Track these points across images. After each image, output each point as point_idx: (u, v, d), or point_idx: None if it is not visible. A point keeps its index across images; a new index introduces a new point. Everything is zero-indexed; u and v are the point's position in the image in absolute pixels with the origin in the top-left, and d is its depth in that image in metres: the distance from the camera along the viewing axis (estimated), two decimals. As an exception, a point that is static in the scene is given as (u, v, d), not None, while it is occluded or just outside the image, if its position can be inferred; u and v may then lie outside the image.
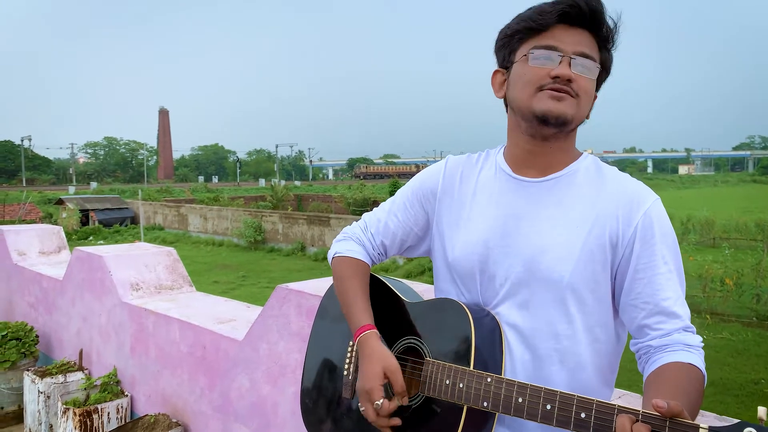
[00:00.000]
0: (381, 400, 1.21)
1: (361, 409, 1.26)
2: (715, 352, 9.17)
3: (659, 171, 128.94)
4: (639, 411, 0.93)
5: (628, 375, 1.83)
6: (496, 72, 1.32)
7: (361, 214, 1.57)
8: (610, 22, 1.21)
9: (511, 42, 1.26)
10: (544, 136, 1.23)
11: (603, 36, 1.22)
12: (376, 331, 1.31)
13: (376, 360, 1.25)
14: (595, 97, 1.28)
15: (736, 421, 0.90)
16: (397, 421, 1.24)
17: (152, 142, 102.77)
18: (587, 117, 1.26)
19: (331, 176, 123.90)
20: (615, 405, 0.96)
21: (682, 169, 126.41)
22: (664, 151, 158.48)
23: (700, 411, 1.53)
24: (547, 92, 1.18)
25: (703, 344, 1.18)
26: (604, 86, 1.31)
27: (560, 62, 1.17)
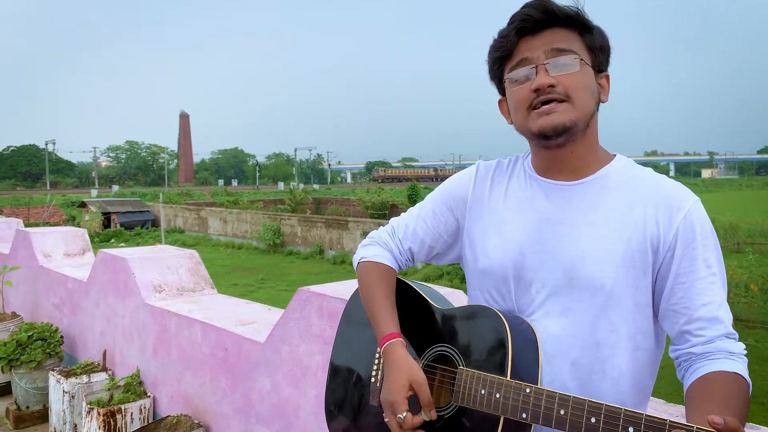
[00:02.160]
0: (404, 414, 1.18)
1: (385, 420, 1.24)
2: (739, 358, 9.00)
3: (681, 175, 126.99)
4: (693, 427, 0.88)
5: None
6: (500, 101, 1.32)
7: (379, 218, 1.56)
8: (572, 8, 1.17)
9: (496, 72, 1.28)
10: (557, 145, 1.21)
11: (576, 24, 1.19)
12: (402, 339, 1.28)
13: (402, 371, 1.22)
14: (607, 76, 1.24)
15: (765, 429, 0.89)
16: None
17: (173, 146, 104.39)
18: (603, 101, 1.23)
19: (349, 180, 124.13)
20: (667, 420, 0.91)
21: (705, 173, 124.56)
22: (686, 154, 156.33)
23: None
24: (535, 111, 1.18)
25: (746, 351, 1.13)
26: (624, 90, 1.30)
27: (536, 73, 1.17)
